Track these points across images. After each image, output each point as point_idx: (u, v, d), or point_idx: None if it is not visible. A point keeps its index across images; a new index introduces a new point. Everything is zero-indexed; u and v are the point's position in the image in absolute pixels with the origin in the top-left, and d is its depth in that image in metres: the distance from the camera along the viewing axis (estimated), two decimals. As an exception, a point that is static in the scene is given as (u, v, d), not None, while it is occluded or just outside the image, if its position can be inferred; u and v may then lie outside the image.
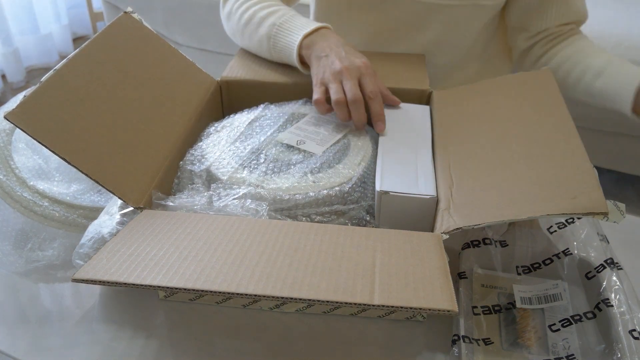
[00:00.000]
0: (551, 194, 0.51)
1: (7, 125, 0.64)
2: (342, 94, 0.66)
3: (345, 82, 0.67)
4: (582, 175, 0.52)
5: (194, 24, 1.98)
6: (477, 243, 0.59)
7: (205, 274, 0.45)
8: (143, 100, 0.64)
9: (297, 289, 0.44)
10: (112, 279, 0.45)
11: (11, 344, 0.52)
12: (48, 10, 2.43)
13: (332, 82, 0.67)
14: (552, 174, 0.54)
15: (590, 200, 0.48)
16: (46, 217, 0.61)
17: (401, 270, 0.46)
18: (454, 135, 0.66)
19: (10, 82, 2.35)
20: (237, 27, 0.83)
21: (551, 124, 0.61)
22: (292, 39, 0.75)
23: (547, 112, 0.63)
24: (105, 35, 0.65)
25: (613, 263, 0.56)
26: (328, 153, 0.64)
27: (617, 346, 0.49)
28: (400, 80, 0.78)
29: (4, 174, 0.61)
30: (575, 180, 0.52)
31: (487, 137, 0.63)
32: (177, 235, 0.51)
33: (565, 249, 0.59)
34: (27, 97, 0.52)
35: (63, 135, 0.53)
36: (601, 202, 0.48)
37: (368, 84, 0.68)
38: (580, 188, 0.50)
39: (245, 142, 0.66)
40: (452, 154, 0.63)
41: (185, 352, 0.52)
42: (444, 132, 0.68)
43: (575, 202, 0.49)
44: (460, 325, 0.51)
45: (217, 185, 0.60)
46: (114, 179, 0.55)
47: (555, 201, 0.50)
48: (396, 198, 0.57)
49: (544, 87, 0.68)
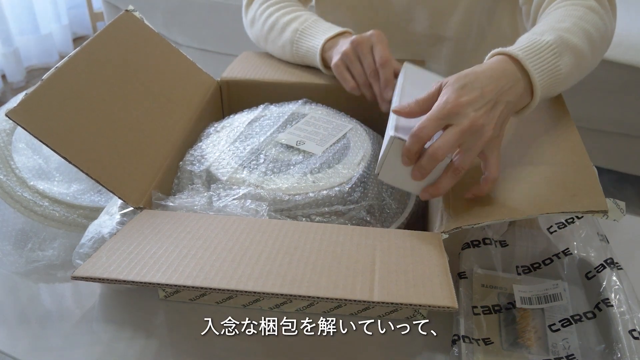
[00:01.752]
0: (550, 192, 0.51)
1: (7, 125, 0.64)
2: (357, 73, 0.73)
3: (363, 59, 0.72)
4: (581, 174, 0.52)
5: (194, 24, 1.98)
6: (477, 243, 0.59)
7: (205, 271, 0.45)
8: (143, 99, 0.64)
9: (297, 286, 0.44)
10: (112, 276, 0.45)
11: (11, 344, 0.52)
12: (48, 10, 2.43)
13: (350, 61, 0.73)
14: (552, 172, 0.54)
15: (589, 199, 0.48)
16: (46, 217, 0.61)
17: (401, 268, 0.46)
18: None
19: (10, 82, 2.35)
20: (261, 33, 0.86)
21: (550, 122, 0.61)
22: (315, 43, 0.78)
23: (546, 111, 0.63)
24: (107, 33, 0.65)
25: (613, 263, 0.56)
26: (328, 153, 0.64)
27: (617, 346, 0.49)
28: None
29: (4, 174, 0.61)
30: (575, 178, 0.52)
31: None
32: (177, 234, 0.51)
33: (565, 249, 0.59)
34: (28, 95, 0.52)
35: (64, 134, 0.53)
36: (601, 200, 0.48)
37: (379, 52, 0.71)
38: (579, 186, 0.50)
39: (245, 142, 0.66)
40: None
41: (185, 352, 0.52)
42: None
43: (574, 200, 0.49)
44: (460, 325, 0.51)
45: (217, 186, 0.60)
46: (114, 178, 0.55)
47: (554, 200, 0.50)
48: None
49: None
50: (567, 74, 0.59)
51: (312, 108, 0.73)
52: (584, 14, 0.64)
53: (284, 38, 0.81)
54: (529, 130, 0.62)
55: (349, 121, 0.71)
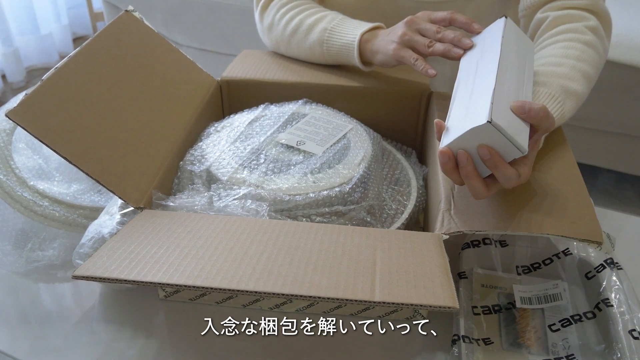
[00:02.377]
0: (551, 213, 0.53)
1: (7, 125, 0.64)
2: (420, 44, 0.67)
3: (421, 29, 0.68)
4: (580, 204, 0.55)
5: (194, 24, 1.98)
6: (477, 243, 0.59)
7: (205, 271, 0.45)
8: (143, 99, 0.64)
9: (298, 286, 0.44)
10: (112, 276, 0.45)
11: (11, 344, 0.52)
12: (48, 10, 2.43)
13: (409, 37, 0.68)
14: (553, 196, 0.55)
15: (588, 229, 0.52)
16: (46, 217, 0.61)
17: (402, 268, 0.47)
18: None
19: (10, 82, 2.35)
20: (282, 38, 0.84)
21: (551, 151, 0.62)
22: (349, 39, 0.76)
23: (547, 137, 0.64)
24: (107, 33, 0.65)
25: (613, 263, 0.56)
26: (328, 153, 0.64)
27: (617, 346, 0.49)
28: (400, 79, 0.78)
29: (4, 174, 0.61)
30: (574, 206, 0.54)
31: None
32: (178, 234, 0.51)
33: (565, 249, 0.59)
34: (28, 95, 0.52)
35: (64, 134, 0.53)
36: (598, 233, 0.51)
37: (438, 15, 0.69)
38: (578, 215, 0.53)
39: (245, 142, 0.66)
40: None
41: (185, 352, 0.52)
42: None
43: (574, 227, 0.52)
44: (460, 325, 0.51)
45: (217, 186, 0.60)
46: (114, 178, 0.55)
47: (554, 222, 0.52)
48: (496, 135, 0.49)
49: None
50: (570, 114, 0.64)
51: (313, 108, 0.73)
52: (581, 52, 0.66)
53: (311, 40, 0.80)
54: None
55: (349, 121, 0.71)
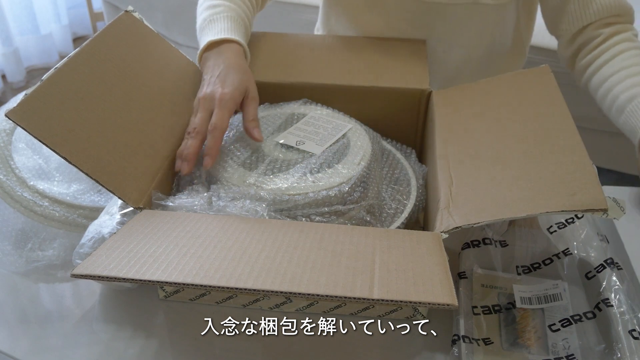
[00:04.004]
0: (550, 191, 0.51)
1: (7, 125, 0.64)
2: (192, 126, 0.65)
3: (197, 113, 0.66)
4: (581, 172, 0.52)
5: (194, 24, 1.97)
6: (477, 243, 0.59)
7: (204, 270, 0.45)
8: (143, 99, 0.64)
9: (297, 284, 0.44)
10: (112, 274, 0.45)
11: (11, 344, 0.52)
12: (48, 10, 2.43)
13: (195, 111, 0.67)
14: (552, 171, 0.54)
15: (589, 197, 0.48)
16: (46, 217, 0.61)
17: (401, 267, 0.46)
18: (453, 134, 0.66)
19: (10, 82, 2.35)
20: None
21: (550, 121, 0.61)
22: (200, 47, 0.77)
23: (546, 110, 0.63)
24: (106, 34, 0.65)
25: (613, 263, 0.56)
26: (327, 153, 0.64)
27: (617, 346, 0.49)
28: (399, 79, 0.78)
29: (4, 174, 0.61)
30: (575, 177, 0.51)
31: (487, 136, 0.63)
32: (177, 233, 0.51)
33: (565, 249, 0.59)
34: (28, 95, 0.52)
35: (64, 134, 0.53)
36: (600, 199, 0.48)
37: (214, 117, 0.64)
38: (579, 185, 0.50)
39: (245, 142, 0.66)
40: (451, 153, 0.63)
41: (185, 352, 0.52)
42: (444, 131, 0.68)
43: (574, 199, 0.49)
44: (460, 325, 0.51)
45: (217, 186, 0.60)
46: (114, 178, 0.55)
47: (554, 199, 0.50)
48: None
49: (543, 85, 0.68)
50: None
51: (312, 108, 0.73)
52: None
53: (197, 24, 0.83)
54: (528, 129, 0.62)
55: (348, 121, 0.71)
